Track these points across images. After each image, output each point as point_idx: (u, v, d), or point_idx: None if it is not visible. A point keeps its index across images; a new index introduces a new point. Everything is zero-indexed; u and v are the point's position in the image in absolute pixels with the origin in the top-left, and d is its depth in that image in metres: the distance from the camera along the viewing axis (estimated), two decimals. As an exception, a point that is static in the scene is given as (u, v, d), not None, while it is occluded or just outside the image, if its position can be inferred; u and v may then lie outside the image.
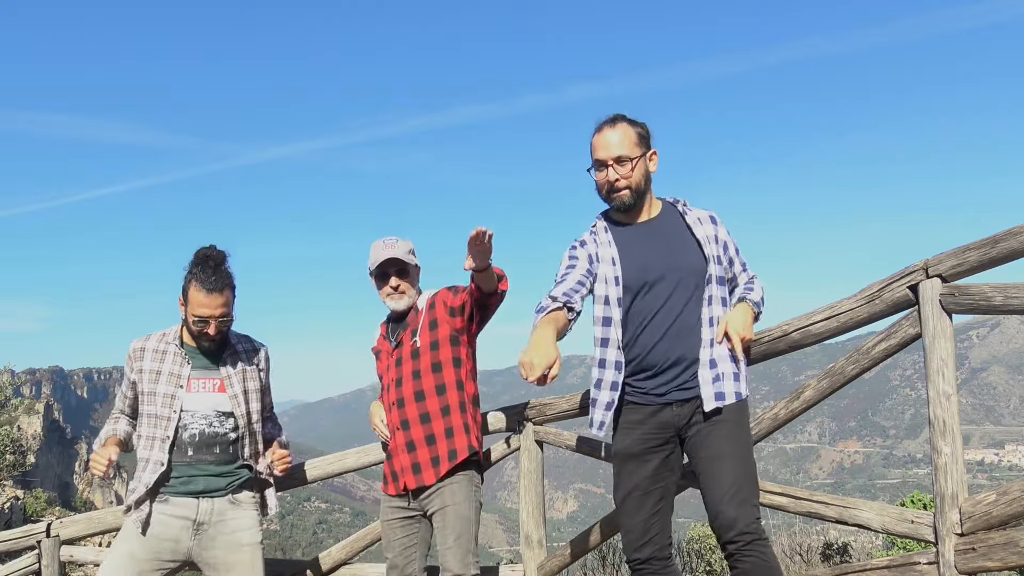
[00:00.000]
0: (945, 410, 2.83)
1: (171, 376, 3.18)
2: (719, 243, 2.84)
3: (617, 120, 2.83)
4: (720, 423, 2.67)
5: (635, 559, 2.77)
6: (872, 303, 3.01)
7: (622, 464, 2.83)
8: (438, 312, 3.32)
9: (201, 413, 3.15)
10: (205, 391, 3.19)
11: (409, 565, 3.30)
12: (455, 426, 3.27)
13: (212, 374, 3.21)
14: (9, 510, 18.81)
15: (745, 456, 2.66)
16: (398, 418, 3.30)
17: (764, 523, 6.71)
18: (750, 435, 2.77)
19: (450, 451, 3.22)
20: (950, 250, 2.87)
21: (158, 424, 3.14)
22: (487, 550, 43.94)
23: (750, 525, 2.54)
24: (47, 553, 4.23)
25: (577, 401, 3.68)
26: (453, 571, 3.14)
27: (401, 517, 3.32)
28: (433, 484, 3.22)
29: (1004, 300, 2.73)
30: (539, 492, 3.91)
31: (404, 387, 3.30)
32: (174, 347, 3.22)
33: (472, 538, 3.20)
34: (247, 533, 3.17)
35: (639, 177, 2.79)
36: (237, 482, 3.20)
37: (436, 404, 3.27)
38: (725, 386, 2.70)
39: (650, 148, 2.84)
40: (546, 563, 3.83)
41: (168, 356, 3.21)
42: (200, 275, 3.08)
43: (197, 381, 3.19)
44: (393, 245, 3.34)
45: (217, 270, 3.09)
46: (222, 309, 3.11)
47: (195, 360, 3.21)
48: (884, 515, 2.98)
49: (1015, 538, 2.61)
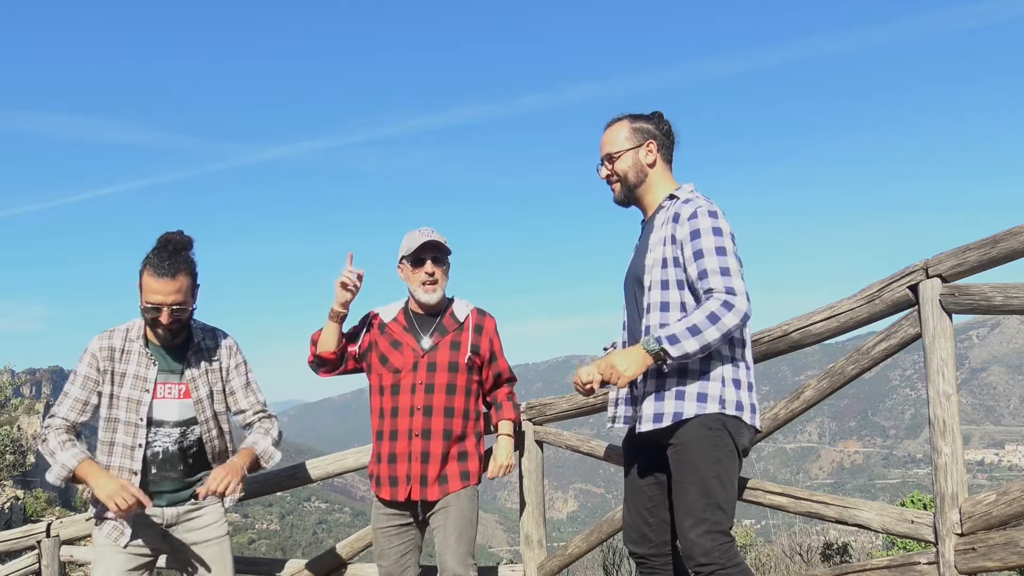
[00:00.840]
0: (945, 410, 2.83)
1: (136, 379, 2.99)
2: (676, 244, 2.60)
3: (617, 119, 2.82)
4: (684, 445, 2.54)
5: (634, 554, 2.81)
6: (872, 303, 3.01)
7: (624, 459, 2.88)
8: (483, 342, 3.29)
9: (165, 431, 3.00)
10: (171, 397, 3.01)
11: (404, 573, 3.27)
12: (470, 450, 3.27)
13: (176, 378, 3.03)
14: (9, 510, 18.79)
15: (707, 480, 2.50)
16: (420, 425, 3.18)
17: (764, 523, 6.63)
18: (722, 452, 2.53)
19: (462, 472, 3.22)
20: (950, 250, 2.87)
21: (126, 431, 2.97)
22: (487, 550, 43.93)
23: (709, 554, 2.45)
24: (47, 553, 4.23)
25: (577, 401, 3.68)
26: (452, 571, 3.13)
27: (396, 524, 3.26)
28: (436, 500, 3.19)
29: (1004, 300, 2.73)
30: (539, 492, 3.90)
31: (436, 397, 3.19)
32: (138, 346, 3.01)
33: (472, 539, 3.19)
34: (213, 528, 3.08)
35: (625, 168, 2.76)
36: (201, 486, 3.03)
37: (461, 426, 3.23)
38: (667, 406, 2.55)
39: (647, 139, 2.76)
40: (546, 563, 3.82)
41: (133, 356, 3.01)
42: (154, 259, 2.87)
43: (163, 386, 3.01)
44: (432, 233, 3.23)
45: (175, 255, 2.88)
46: (175, 296, 2.88)
47: (161, 361, 3.02)
48: (884, 515, 2.97)
49: (1015, 538, 2.61)
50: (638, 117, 2.81)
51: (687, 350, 2.44)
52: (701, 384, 2.55)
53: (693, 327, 2.44)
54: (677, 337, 2.44)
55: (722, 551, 2.47)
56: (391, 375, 3.24)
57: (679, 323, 2.47)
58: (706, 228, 2.56)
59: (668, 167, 2.81)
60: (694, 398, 2.54)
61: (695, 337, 2.43)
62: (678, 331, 2.45)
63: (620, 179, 2.78)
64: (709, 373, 2.56)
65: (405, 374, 3.22)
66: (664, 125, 2.81)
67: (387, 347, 3.27)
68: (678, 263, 2.60)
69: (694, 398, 2.54)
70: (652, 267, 2.64)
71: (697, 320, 2.44)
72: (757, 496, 3.21)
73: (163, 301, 2.87)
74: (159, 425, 3.00)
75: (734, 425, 2.56)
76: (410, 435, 3.19)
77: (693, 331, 2.44)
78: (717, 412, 2.54)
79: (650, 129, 2.78)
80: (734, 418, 2.56)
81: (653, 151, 2.76)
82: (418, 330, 3.27)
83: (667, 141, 2.80)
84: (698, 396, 2.54)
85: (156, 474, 3.00)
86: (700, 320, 2.44)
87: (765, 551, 6.53)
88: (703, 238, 2.54)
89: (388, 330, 3.30)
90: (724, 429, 2.54)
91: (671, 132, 2.82)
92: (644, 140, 2.76)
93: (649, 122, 2.79)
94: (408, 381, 3.21)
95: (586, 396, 2.69)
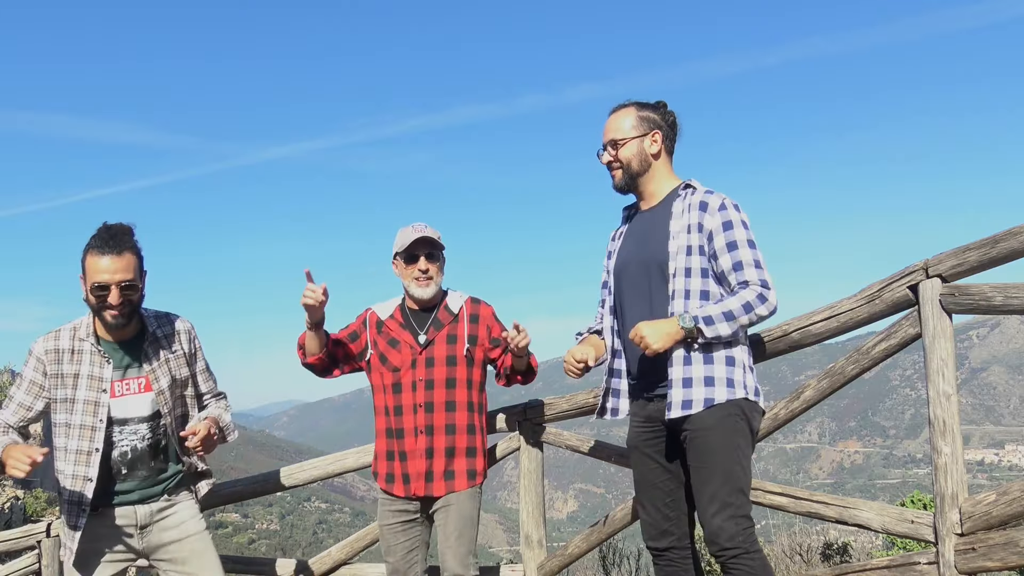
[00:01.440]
0: (945, 410, 2.83)
1: (91, 380, 2.87)
2: (703, 232, 2.63)
3: (624, 105, 2.81)
4: (706, 430, 2.56)
5: (653, 548, 2.80)
6: (872, 303, 3.01)
7: (630, 456, 2.88)
8: (480, 331, 3.27)
9: (130, 428, 2.90)
10: (130, 393, 2.90)
11: (412, 569, 3.27)
12: (477, 446, 3.27)
13: (135, 372, 2.91)
14: (9, 510, 18.77)
15: (730, 465, 2.54)
16: (424, 422, 3.19)
17: (764, 523, 6.67)
18: (743, 438, 2.59)
19: (469, 471, 3.22)
20: (950, 250, 2.87)
21: (82, 435, 2.85)
22: (487, 550, 43.93)
23: (734, 538, 2.50)
24: (47, 553, 4.23)
25: (577, 401, 3.68)
26: (452, 570, 3.13)
27: (402, 521, 3.27)
28: (441, 496, 3.20)
29: (1004, 300, 2.73)
30: (539, 492, 3.90)
31: (436, 393, 3.20)
32: (90, 344, 2.88)
33: (473, 539, 3.19)
34: (192, 523, 3.01)
35: (629, 156, 2.76)
36: (173, 483, 3.01)
37: (464, 419, 3.22)
38: (697, 392, 2.57)
39: (653, 129, 2.76)
40: (546, 563, 3.82)
41: (85, 356, 2.88)
42: (96, 240, 2.77)
43: (121, 384, 2.90)
44: (425, 228, 3.23)
45: (118, 235, 2.78)
46: (123, 274, 2.75)
47: (115, 357, 2.90)
48: (884, 515, 2.97)
49: (1015, 538, 2.61)
50: (645, 105, 2.80)
51: (720, 333, 2.54)
52: (728, 370, 2.61)
53: (728, 312, 2.54)
54: (712, 319, 2.54)
55: (746, 535, 2.52)
56: (391, 374, 3.25)
57: (715, 306, 2.56)
58: (737, 220, 2.63)
59: (670, 159, 2.82)
60: (724, 383, 2.59)
61: (728, 322, 2.54)
62: (714, 313, 2.54)
63: (623, 166, 2.78)
64: (735, 360, 2.62)
65: (404, 372, 3.23)
66: (670, 116, 2.81)
67: (385, 346, 3.28)
68: (703, 251, 2.64)
69: (724, 383, 2.59)
70: (677, 254, 2.65)
71: (733, 307, 2.55)
72: (757, 496, 3.21)
73: (110, 280, 2.75)
74: (123, 424, 2.90)
75: (751, 409, 2.63)
76: (415, 432, 3.19)
77: (728, 316, 2.54)
78: (742, 397, 2.60)
79: (656, 119, 2.78)
80: (752, 402, 2.63)
81: (658, 141, 2.77)
82: (415, 326, 3.27)
83: (671, 132, 2.81)
84: (727, 382, 2.59)
85: (127, 474, 2.92)
86: (736, 307, 2.55)
87: (765, 551, 6.52)
88: (736, 230, 2.61)
89: (385, 328, 3.30)
90: (743, 414, 2.60)
91: (675, 123, 2.82)
92: (650, 129, 2.76)
93: (656, 111, 2.79)
94: (408, 379, 3.22)
95: (578, 376, 2.76)
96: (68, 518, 2.91)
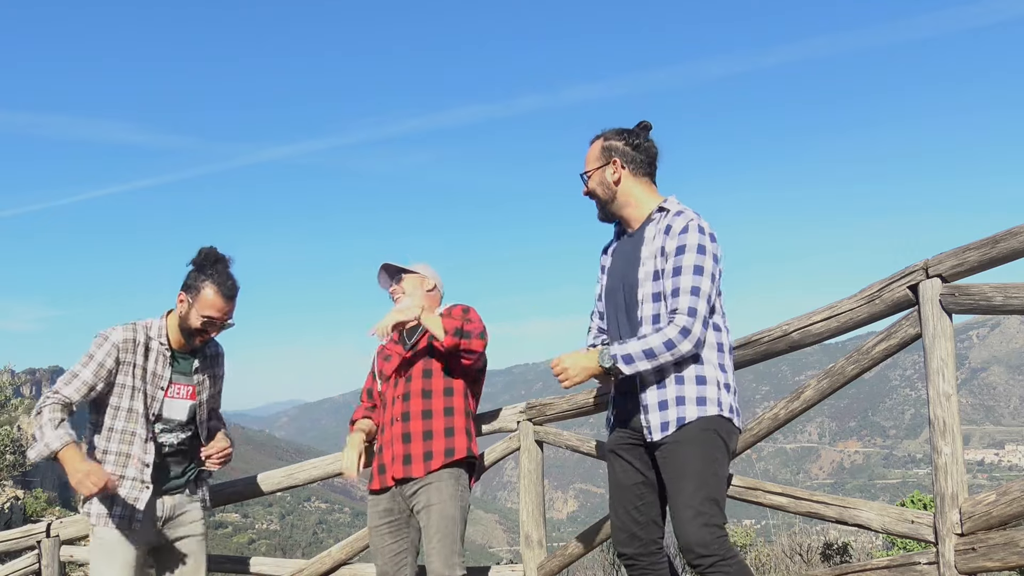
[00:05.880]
0: (945, 410, 2.83)
1: (154, 376, 3.14)
2: (664, 256, 2.65)
3: (597, 136, 2.86)
4: (677, 444, 2.59)
5: (621, 554, 2.81)
6: (872, 303, 3.01)
7: (607, 459, 2.90)
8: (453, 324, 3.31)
9: (169, 428, 3.17)
10: (180, 397, 3.19)
11: (400, 571, 3.29)
12: (456, 427, 3.29)
13: (186, 379, 3.21)
14: (9, 510, 18.77)
15: (705, 475, 2.56)
16: (400, 410, 3.30)
17: (764, 523, 6.65)
18: (718, 451, 2.62)
19: (447, 449, 3.24)
20: (950, 250, 2.87)
21: (138, 421, 3.10)
22: (487, 550, 43.91)
23: (708, 546, 2.50)
24: (47, 553, 4.23)
25: (577, 402, 3.68)
26: (437, 572, 3.13)
27: (389, 522, 3.30)
28: (420, 477, 3.22)
29: (1004, 300, 2.73)
30: (539, 492, 3.91)
31: (413, 383, 3.32)
32: (157, 344, 3.16)
33: (457, 538, 3.19)
34: (198, 524, 3.27)
35: (594, 186, 2.82)
36: (192, 476, 3.28)
37: (441, 403, 3.29)
38: (671, 413, 2.60)
39: (612, 157, 2.78)
40: (546, 563, 3.82)
41: (152, 353, 3.14)
42: (218, 277, 3.08)
43: (174, 387, 3.18)
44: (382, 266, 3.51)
45: (235, 285, 3.12)
46: (229, 318, 3.13)
47: (175, 363, 3.19)
48: (884, 515, 2.97)
49: (1015, 538, 2.61)
50: (611, 135, 2.82)
51: (639, 370, 2.58)
52: (700, 389, 2.63)
53: (649, 350, 2.56)
54: (632, 357, 2.56)
55: (720, 543, 2.52)
56: (384, 383, 3.46)
57: (637, 343, 2.57)
58: (692, 244, 2.62)
59: (643, 181, 2.80)
60: (694, 402, 2.61)
61: (649, 360, 2.56)
62: (634, 351, 2.56)
63: (593, 197, 2.85)
64: (705, 379, 2.64)
65: (391, 375, 3.42)
66: (635, 140, 2.79)
67: (382, 363, 3.52)
68: (658, 276, 2.67)
69: (694, 402, 2.61)
70: (644, 280, 2.69)
71: (655, 344, 2.56)
72: (757, 496, 3.21)
73: (220, 318, 3.10)
74: (165, 422, 3.16)
75: (726, 427, 2.65)
76: (392, 422, 3.32)
77: (648, 354, 2.56)
78: (716, 414, 2.62)
79: (618, 147, 2.79)
80: (727, 420, 2.65)
81: (618, 168, 2.78)
82: (405, 339, 3.46)
83: (638, 156, 2.78)
84: (698, 400, 2.62)
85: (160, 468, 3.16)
86: (657, 345, 2.56)
87: (765, 551, 6.54)
88: (686, 255, 2.61)
89: (384, 349, 3.54)
90: (718, 431, 2.62)
91: (644, 146, 2.80)
92: (610, 159, 2.79)
93: (620, 138, 2.80)
94: (393, 378, 3.40)
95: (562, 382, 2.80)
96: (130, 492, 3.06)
